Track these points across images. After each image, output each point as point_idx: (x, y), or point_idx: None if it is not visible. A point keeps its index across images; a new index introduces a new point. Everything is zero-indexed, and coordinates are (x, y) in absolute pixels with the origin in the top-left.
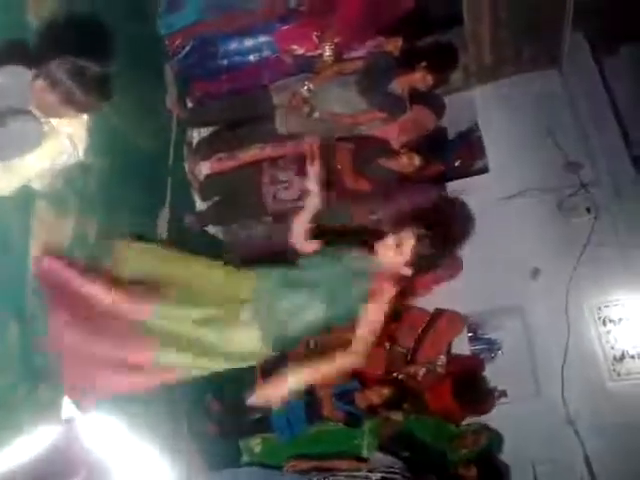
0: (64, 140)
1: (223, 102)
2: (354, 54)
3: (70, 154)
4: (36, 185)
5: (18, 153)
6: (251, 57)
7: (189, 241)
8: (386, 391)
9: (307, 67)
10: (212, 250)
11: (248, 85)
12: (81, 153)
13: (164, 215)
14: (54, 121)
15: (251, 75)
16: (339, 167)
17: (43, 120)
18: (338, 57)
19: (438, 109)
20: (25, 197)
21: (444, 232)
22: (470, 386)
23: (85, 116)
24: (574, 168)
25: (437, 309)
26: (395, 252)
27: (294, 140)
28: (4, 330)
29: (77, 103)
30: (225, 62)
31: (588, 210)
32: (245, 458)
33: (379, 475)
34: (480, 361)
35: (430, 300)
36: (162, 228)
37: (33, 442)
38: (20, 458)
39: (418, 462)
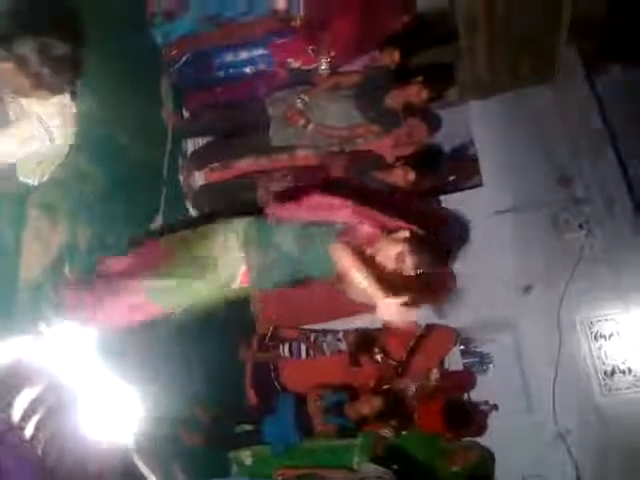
0: (34, 121)
1: (218, 113)
2: (350, 68)
3: (42, 136)
4: (23, 174)
5: None
6: (247, 69)
7: None
8: (377, 402)
9: (303, 80)
10: None
11: (244, 97)
12: (57, 136)
13: (157, 225)
14: (24, 101)
15: (247, 87)
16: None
17: (12, 100)
18: (334, 70)
19: (433, 123)
20: (17, 204)
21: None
22: (461, 414)
23: (65, 102)
24: (567, 183)
25: (429, 324)
26: (397, 260)
27: (289, 152)
28: None
29: (47, 84)
30: (221, 74)
31: (581, 226)
32: (235, 469)
33: None
34: (472, 375)
35: (423, 313)
36: None
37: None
38: None
39: (408, 476)
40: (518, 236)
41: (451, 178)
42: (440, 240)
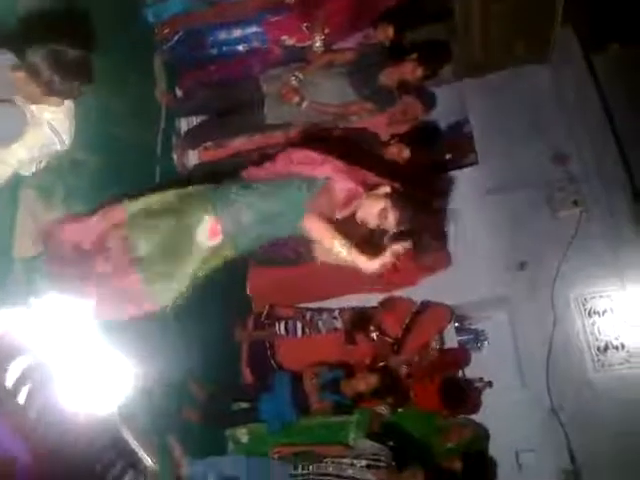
0: (45, 129)
1: (212, 91)
2: (344, 45)
3: (53, 141)
4: (26, 172)
5: (3, 143)
6: (240, 47)
7: None
8: (373, 379)
9: (297, 57)
10: None
11: (237, 75)
12: (65, 138)
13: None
14: (34, 108)
15: (240, 65)
16: None
17: (24, 107)
18: (328, 48)
19: (427, 101)
20: (11, 185)
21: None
22: (458, 392)
23: (67, 102)
24: (562, 161)
25: (424, 301)
26: (379, 217)
27: (283, 129)
28: None
29: (58, 91)
30: (214, 52)
31: (575, 203)
32: (231, 447)
33: (364, 462)
34: (466, 352)
35: (417, 291)
36: None
37: None
38: None
39: (404, 452)
40: (513, 213)
41: (447, 156)
42: (423, 195)
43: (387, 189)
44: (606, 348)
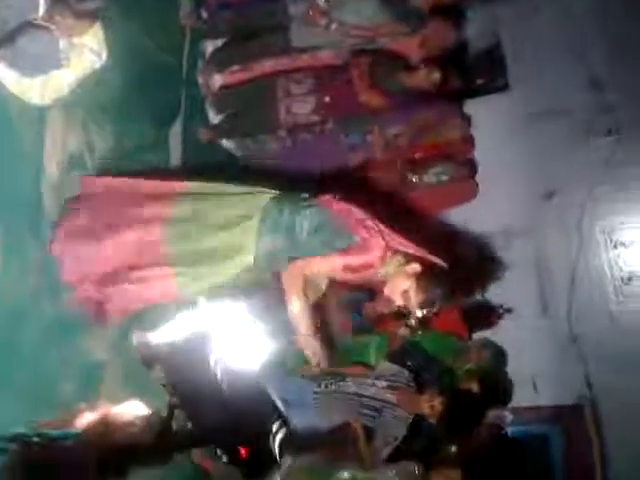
0: (88, 55)
1: (238, 12)
2: None
3: (94, 61)
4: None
5: (39, 70)
6: None
7: (203, 156)
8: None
9: None
10: (226, 164)
11: None
12: (103, 55)
13: (177, 128)
14: (75, 39)
15: None
16: (354, 82)
17: (66, 38)
18: None
19: (460, 22)
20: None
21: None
22: (480, 314)
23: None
24: (598, 87)
25: None
26: (402, 297)
27: (310, 53)
28: (22, 245)
29: (88, 15)
30: None
31: (609, 131)
32: None
33: (384, 383)
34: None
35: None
36: (175, 141)
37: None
38: None
39: (423, 374)
40: (544, 140)
41: (478, 81)
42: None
43: (417, 268)
44: (630, 279)
